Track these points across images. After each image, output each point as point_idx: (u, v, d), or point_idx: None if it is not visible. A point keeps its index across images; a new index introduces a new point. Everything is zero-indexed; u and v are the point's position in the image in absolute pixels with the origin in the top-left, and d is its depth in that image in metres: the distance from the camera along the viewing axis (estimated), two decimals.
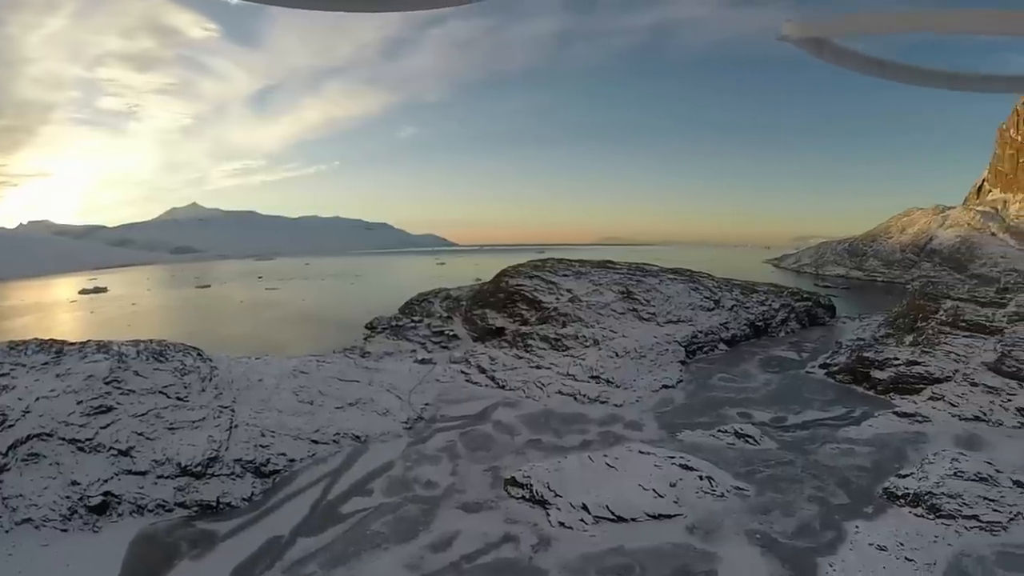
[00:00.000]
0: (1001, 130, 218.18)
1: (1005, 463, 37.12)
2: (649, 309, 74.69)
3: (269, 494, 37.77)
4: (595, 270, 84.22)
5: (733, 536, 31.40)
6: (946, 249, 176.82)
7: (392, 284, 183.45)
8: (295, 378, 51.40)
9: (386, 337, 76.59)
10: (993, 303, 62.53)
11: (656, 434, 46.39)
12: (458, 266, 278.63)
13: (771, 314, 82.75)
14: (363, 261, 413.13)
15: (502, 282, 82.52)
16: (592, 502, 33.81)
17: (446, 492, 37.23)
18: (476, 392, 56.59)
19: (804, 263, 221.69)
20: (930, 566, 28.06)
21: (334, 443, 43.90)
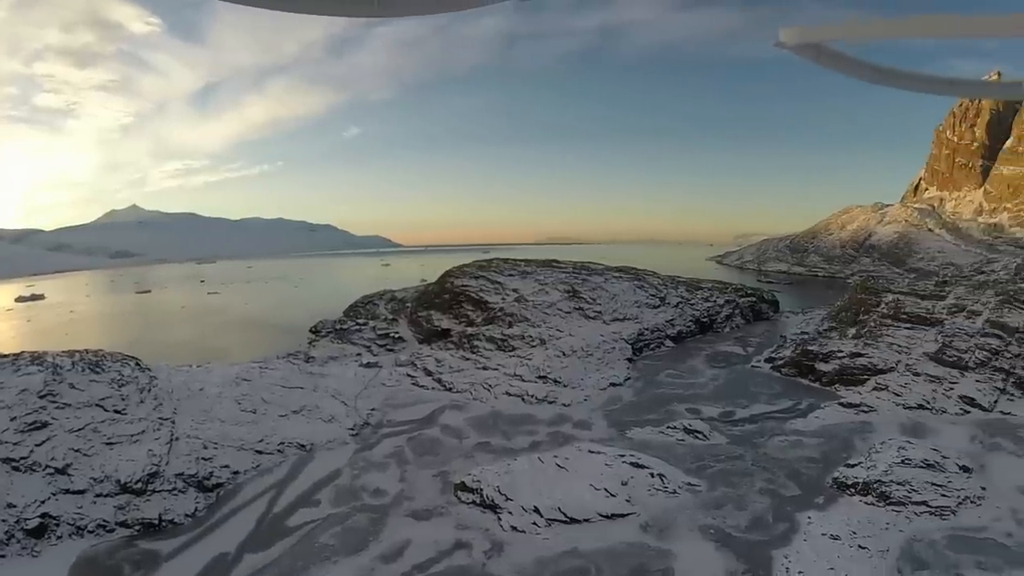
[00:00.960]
0: (938, 132, 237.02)
1: (950, 449, 38.75)
2: (595, 307, 75.36)
3: (213, 509, 36.83)
4: (540, 269, 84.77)
5: (687, 532, 31.67)
6: (885, 245, 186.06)
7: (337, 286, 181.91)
8: (237, 386, 50.43)
9: (331, 341, 75.59)
10: (933, 296, 65.44)
11: (605, 433, 46.61)
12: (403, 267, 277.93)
13: (716, 310, 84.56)
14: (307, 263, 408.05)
15: (447, 283, 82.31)
16: (544, 504, 33.67)
17: (395, 500, 36.76)
18: (423, 395, 56.25)
19: (747, 260, 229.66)
20: (883, 553, 28.90)
21: (279, 453, 43.12)
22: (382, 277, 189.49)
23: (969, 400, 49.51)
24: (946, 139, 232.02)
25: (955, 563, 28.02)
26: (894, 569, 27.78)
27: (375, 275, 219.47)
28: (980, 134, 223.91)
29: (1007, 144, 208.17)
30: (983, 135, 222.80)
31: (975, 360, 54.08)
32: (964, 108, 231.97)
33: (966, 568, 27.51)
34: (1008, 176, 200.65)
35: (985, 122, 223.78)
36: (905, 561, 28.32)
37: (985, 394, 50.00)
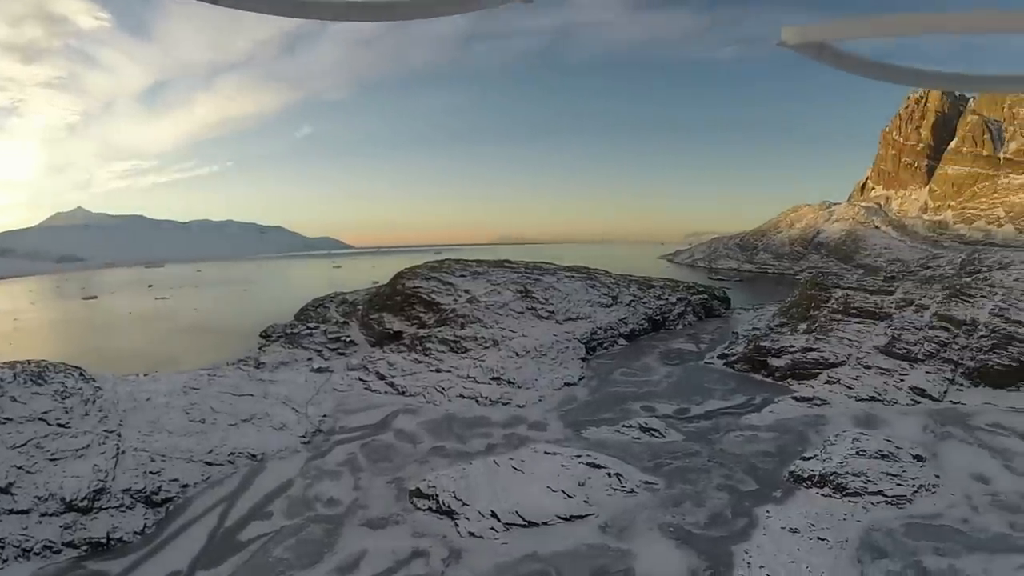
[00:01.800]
0: (884, 132, 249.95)
1: (903, 439, 40.03)
2: (548, 307, 75.57)
3: (163, 525, 35.90)
4: (492, 270, 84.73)
5: (647, 532, 31.79)
6: (833, 242, 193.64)
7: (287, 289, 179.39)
8: (186, 395, 49.26)
9: (281, 345, 74.13)
10: (881, 291, 67.60)
11: (561, 433, 46.67)
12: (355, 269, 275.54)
13: (668, 308, 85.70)
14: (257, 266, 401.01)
15: (399, 284, 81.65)
16: (501, 508, 33.42)
17: (349, 509, 36.18)
18: (375, 400, 55.64)
19: (698, 258, 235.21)
20: (842, 543, 29.57)
21: (229, 464, 42.22)
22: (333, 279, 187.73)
23: (920, 391, 51.38)
24: (892, 140, 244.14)
25: (913, 551, 28.85)
26: (854, 559, 28.43)
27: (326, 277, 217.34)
28: (925, 135, 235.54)
29: (952, 145, 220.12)
30: (928, 136, 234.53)
31: (924, 352, 56.14)
32: (910, 110, 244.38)
33: (924, 555, 28.34)
34: (952, 175, 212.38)
35: (930, 123, 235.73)
36: (864, 551, 29.03)
37: (935, 385, 51.97)
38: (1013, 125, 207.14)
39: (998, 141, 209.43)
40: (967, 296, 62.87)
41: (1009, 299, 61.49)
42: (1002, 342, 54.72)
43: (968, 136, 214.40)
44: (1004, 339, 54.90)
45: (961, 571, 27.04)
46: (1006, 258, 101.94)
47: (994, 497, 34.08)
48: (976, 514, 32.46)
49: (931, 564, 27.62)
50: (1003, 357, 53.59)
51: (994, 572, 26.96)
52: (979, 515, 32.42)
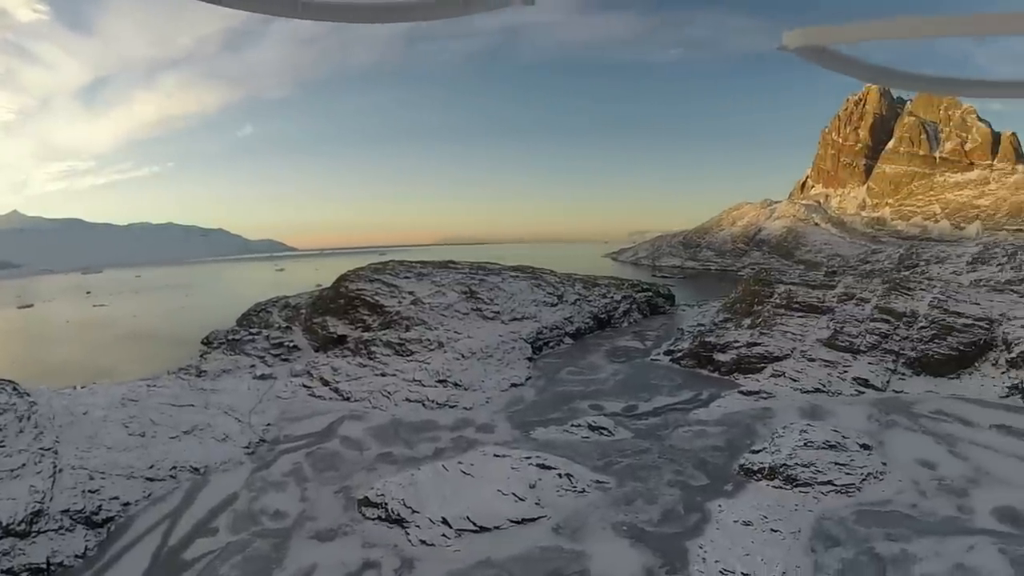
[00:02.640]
0: (824, 133, 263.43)
1: (849, 429, 41.29)
2: (493, 308, 75.42)
3: (105, 546, 34.53)
4: (437, 271, 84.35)
5: (600, 531, 31.80)
6: (774, 239, 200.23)
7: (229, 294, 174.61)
8: (124, 408, 47.87)
9: (223, 352, 71.95)
10: (823, 285, 69.99)
11: (509, 435, 46.52)
12: (298, 272, 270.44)
13: (613, 306, 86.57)
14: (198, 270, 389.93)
15: (342, 287, 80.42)
16: (452, 514, 32.94)
17: (297, 521, 35.30)
18: (320, 406, 54.75)
19: (642, 256, 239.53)
20: (795, 534, 30.21)
21: (171, 479, 41.02)
22: (276, 283, 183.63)
23: (863, 381, 53.22)
24: (832, 140, 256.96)
25: (865, 537, 29.68)
26: (807, 549, 29.04)
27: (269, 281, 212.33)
28: (864, 136, 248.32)
29: (889, 145, 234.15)
30: (867, 136, 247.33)
31: (866, 344, 58.20)
32: (849, 112, 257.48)
33: (876, 541, 29.18)
34: (890, 174, 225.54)
35: (869, 125, 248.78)
36: (817, 540, 29.72)
37: (878, 375, 53.92)
38: (949, 126, 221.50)
39: (934, 141, 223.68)
40: (906, 289, 65.53)
41: (947, 291, 64.32)
42: (941, 332, 57.18)
43: (905, 137, 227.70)
44: (943, 329, 57.36)
45: (913, 555, 27.92)
46: (943, 252, 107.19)
47: (940, 482, 35.47)
48: (924, 499, 33.69)
49: (883, 550, 28.44)
50: (943, 347, 56.04)
51: (945, 554, 27.92)
52: (927, 500, 33.66)
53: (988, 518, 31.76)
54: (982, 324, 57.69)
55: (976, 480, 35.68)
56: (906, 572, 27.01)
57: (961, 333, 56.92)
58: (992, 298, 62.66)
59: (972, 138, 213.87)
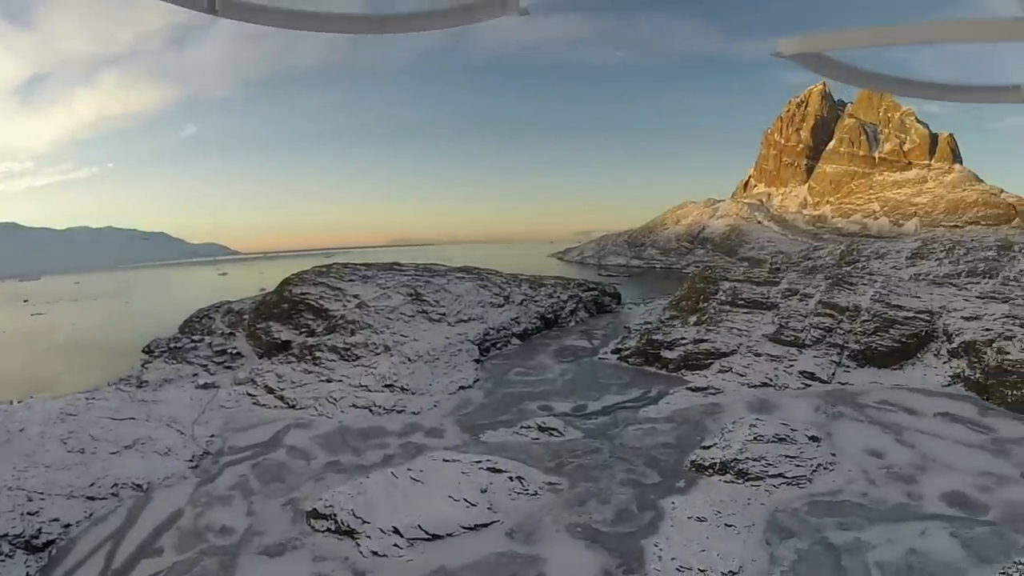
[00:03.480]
0: (767, 134, 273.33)
1: (797, 421, 42.36)
2: (439, 310, 74.95)
3: (47, 572, 33.06)
4: (382, 273, 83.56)
5: (554, 534, 31.76)
6: (718, 237, 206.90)
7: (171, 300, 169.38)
8: (63, 423, 46.30)
9: (165, 361, 69.74)
10: (767, 282, 71.67)
11: (459, 439, 46.17)
12: (241, 276, 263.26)
13: (560, 305, 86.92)
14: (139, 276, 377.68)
15: (286, 291, 78.79)
16: (403, 523, 32.41)
17: (244, 537, 34.31)
18: (265, 415, 53.50)
19: (587, 255, 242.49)
20: (749, 528, 30.73)
21: (113, 496, 39.52)
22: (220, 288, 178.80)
23: (809, 375, 54.67)
24: (774, 141, 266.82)
25: (818, 528, 30.44)
26: (762, 542, 29.57)
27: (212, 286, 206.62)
28: (805, 136, 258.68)
29: (830, 146, 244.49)
30: (808, 137, 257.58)
31: (811, 338, 59.83)
32: (791, 114, 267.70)
33: (829, 531, 29.96)
34: (831, 173, 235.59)
35: (810, 126, 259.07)
36: (772, 532, 30.32)
37: (823, 368, 55.48)
38: (888, 128, 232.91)
39: (874, 142, 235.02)
40: (849, 284, 67.75)
41: (888, 285, 66.72)
42: (884, 325, 59.28)
43: (846, 138, 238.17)
44: (886, 322, 59.48)
45: (866, 543, 28.76)
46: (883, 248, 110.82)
47: (889, 470, 36.69)
48: (874, 487, 34.78)
49: (837, 539, 29.19)
50: (885, 339, 58.07)
51: (898, 540, 28.85)
52: (877, 488, 34.75)
53: (937, 503, 32.98)
54: (923, 317, 60.03)
55: (923, 467, 37.02)
56: (860, 560, 27.77)
57: (903, 326, 59.09)
58: (932, 291, 65.22)
59: (910, 139, 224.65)
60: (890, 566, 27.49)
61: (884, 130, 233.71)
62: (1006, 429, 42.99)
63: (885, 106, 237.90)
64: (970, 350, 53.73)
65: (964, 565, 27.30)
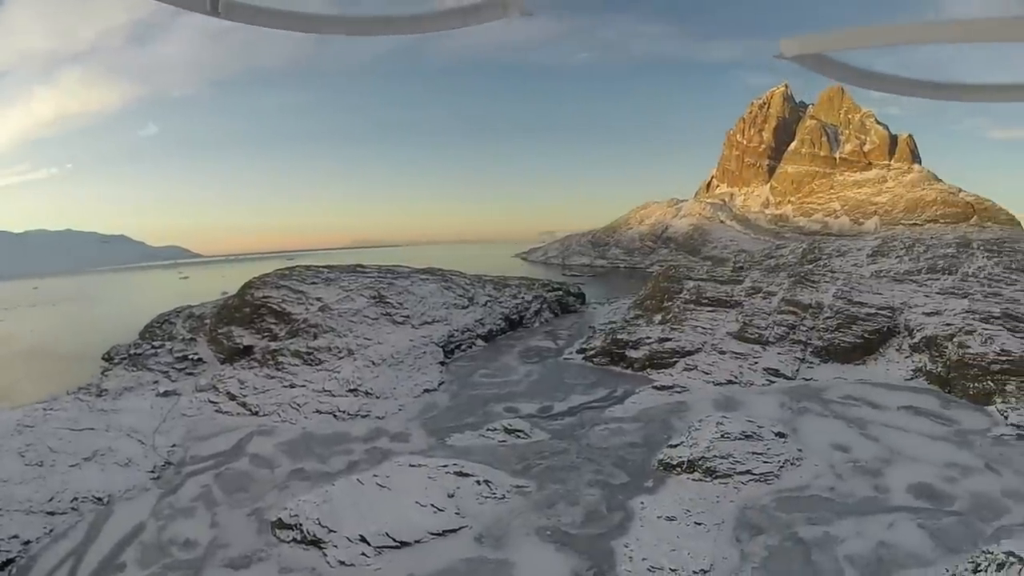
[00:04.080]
0: (729, 135, 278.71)
1: (763, 418, 42.86)
2: (403, 312, 74.43)
3: None
4: (345, 275, 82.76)
5: (523, 538, 31.56)
6: (681, 236, 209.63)
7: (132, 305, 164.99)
8: (20, 435, 45.12)
9: (125, 368, 68.02)
10: (731, 280, 72.76)
11: (425, 443, 45.72)
12: (203, 279, 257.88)
13: (524, 306, 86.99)
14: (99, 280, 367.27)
15: (247, 295, 77.44)
16: (370, 531, 31.90)
17: (208, 550, 33.50)
18: (227, 423, 52.51)
19: (551, 255, 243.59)
20: (719, 525, 30.94)
21: (73, 511, 38.30)
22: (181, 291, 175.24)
23: (774, 371, 55.53)
24: (737, 142, 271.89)
25: (788, 523, 30.80)
26: (732, 539, 29.79)
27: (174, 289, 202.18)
28: (767, 137, 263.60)
29: (791, 146, 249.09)
30: (770, 138, 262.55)
31: (775, 335, 60.77)
32: (753, 115, 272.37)
33: (799, 526, 30.34)
34: (792, 173, 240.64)
35: (772, 127, 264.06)
36: (742, 529, 30.58)
37: (787, 364, 56.38)
38: (848, 129, 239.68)
39: (834, 143, 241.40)
40: (811, 282, 69.03)
41: (850, 282, 68.13)
42: (846, 321, 60.54)
43: (807, 139, 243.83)
44: (848, 319, 60.75)
45: (836, 537, 29.17)
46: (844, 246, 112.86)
47: (855, 464, 37.36)
48: (841, 481, 35.38)
49: (807, 534, 29.56)
50: (848, 335, 59.26)
51: (867, 533, 29.34)
52: (844, 482, 35.36)
53: (904, 495, 33.69)
54: (885, 312, 61.42)
55: (889, 460, 37.80)
56: (830, 554, 28.15)
57: (865, 321, 60.38)
58: (893, 287, 66.80)
59: (870, 140, 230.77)
60: (860, 559, 27.93)
61: (845, 131, 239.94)
62: (968, 421, 44.25)
63: (846, 108, 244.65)
64: (931, 344, 55.16)
65: (933, 556, 27.85)
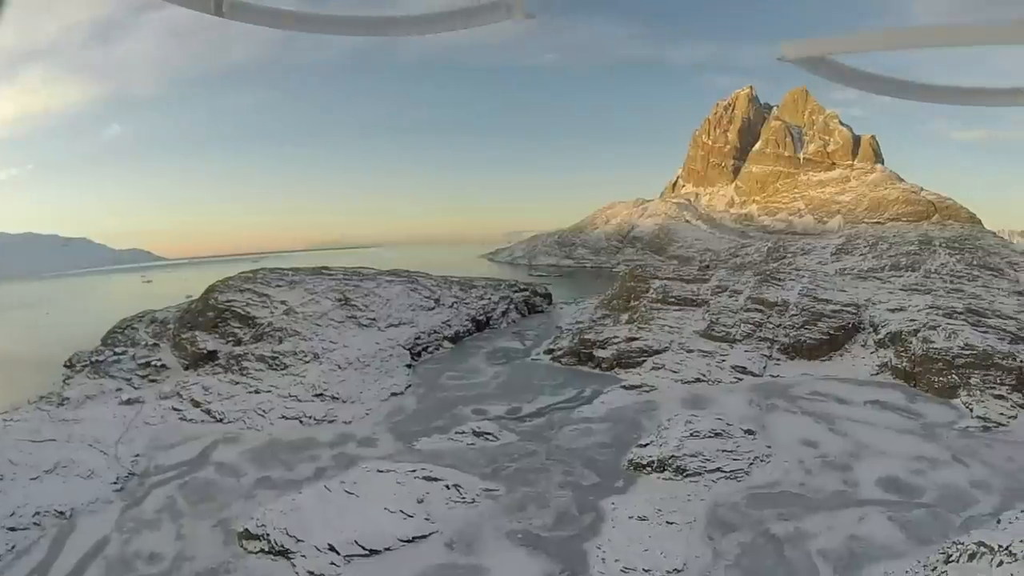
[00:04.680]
0: (695, 136, 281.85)
1: (732, 415, 43.29)
2: (369, 315, 73.73)
3: None
4: (310, 278, 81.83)
5: (494, 542, 31.32)
6: (647, 236, 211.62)
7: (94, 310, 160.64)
8: None
9: (87, 376, 66.03)
10: (697, 279, 73.38)
11: (392, 447, 45.23)
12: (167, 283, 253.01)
13: (491, 307, 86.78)
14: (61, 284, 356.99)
15: (211, 299, 75.99)
16: (339, 540, 31.35)
17: (174, 564, 32.75)
18: (191, 431, 51.47)
19: (518, 256, 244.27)
20: (691, 524, 31.05)
21: (36, 526, 37.39)
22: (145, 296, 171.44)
23: (741, 368, 56.12)
24: (702, 142, 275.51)
25: (759, 520, 31.05)
26: (705, 537, 29.89)
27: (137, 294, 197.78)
28: (732, 138, 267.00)
29: (756, 147, 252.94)
30: (735, 139, 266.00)
31: (741, 333, 61.46)
32: (718, 116, 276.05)
33: (770, 522, 30.60)
34: (757, 173, 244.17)
35: (737, 128, 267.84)
36: (714, 527, 30.70)
37: (754, 361, 57.01)
38: (812, 130, 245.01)
39: (799, 144, 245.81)
40: (776, 280, 69.91)
41: (815, 280, 69.22)
42: (812, 318, 61.45)
43: (772, 139, 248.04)
44: (814, 316, 61.66)
45: (807, 532, 29.46)
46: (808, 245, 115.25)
47: (824, 459, 37.90)
48: (811, 476, 35.82)
49: (778, 530, 29.80)
50: (814, 332, 60.17)
51: (838, 528, 29.71)
52: (813, 477, 35.82)
53: (873, 489, 34.27)
54: (850, 309, 62.52)
55: (857, 454, 38.44)
56: (803, 550, 28.44)
57: (831, 318, 61.31)
58: (857, 285, 68.15)
59: (834, 141, 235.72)
60: (833, 553, 28.28)
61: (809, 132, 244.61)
62: (934, 414, 45.22)
63: (810, 109, 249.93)
64: (896, 340, 56.23)
65: (904, 548, 28.29)
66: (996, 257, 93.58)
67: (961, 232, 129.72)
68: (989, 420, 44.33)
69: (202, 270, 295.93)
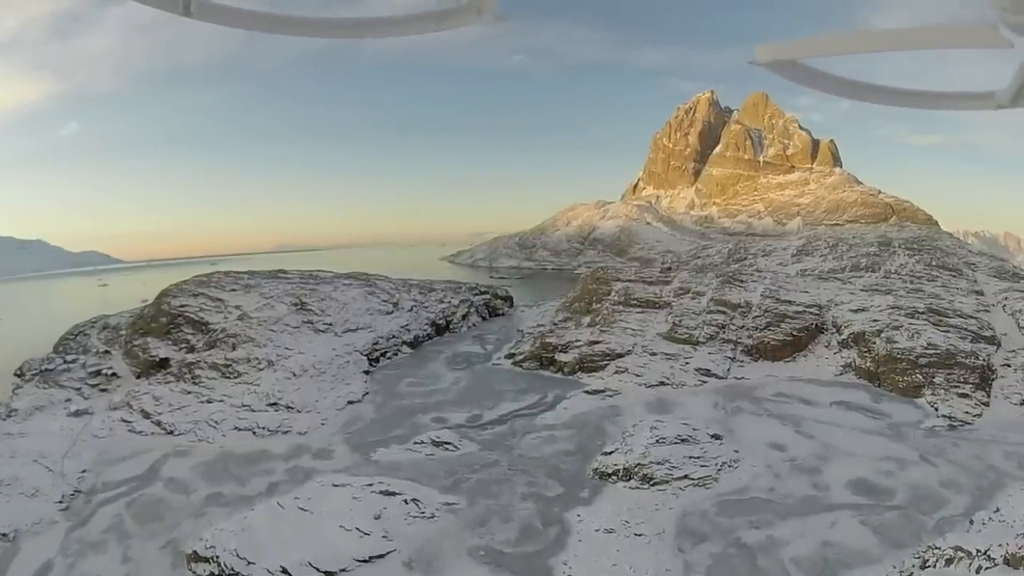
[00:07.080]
0: (656, 138, 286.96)
1: (698, 420, 42.81)
2: (325, 319, 72.10)
3: None
4: (265, 281, 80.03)
5: (456, 560, 30.21)
6: (608, 237, 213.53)
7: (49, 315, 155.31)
8: None
9: (36, 385, 63.14)
10: (659, 281, 73.28)
11: (349, 459, 43.84)
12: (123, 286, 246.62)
13: (451, 310, 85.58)
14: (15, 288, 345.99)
15: (164, 303, 73.57)
16: (292, 561, 29.84)
17: None
18: (141, 444, 49.45)
19: (479, 258, 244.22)
20: (660, 535, 30.32)
21: None
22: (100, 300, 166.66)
23: (705, 371, 55.89)
24: (663, 145, 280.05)
25: (730, 528, 30.46)
26: (675, 548, 29.18)
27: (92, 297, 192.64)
28: (693, 141, 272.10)
29: (716, 150, 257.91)
30: (696, 142, 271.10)
31: (705, 335, 61.26)
32: (679, 119, 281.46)
33: (742, 531, 30.02)
34: (717, 176, 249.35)
35: (698, 131, 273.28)
36: (683, 538, 30.02)
37: (718, 364, 56.85)
38: (772, 134, 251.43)
39: (759, 147, 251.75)
40: (739, 281, 70.14)
41: (777, 281, 69.55)
42: (775, 320, 61.65)
43: (732, 142, 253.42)
44: (777, 317, 61.86)
45: (779, 539, 28.99)
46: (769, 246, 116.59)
47: (793, 462, 37.61)
48: (780, 481, 35.45)
49: (750, 539, 29.26)
50: (777, 333, 60.35)
51: (810, 534, 29.34)
52: (783, 481, 35.46)
53: (843, 492, 34.06)
54: (812, 310, 62.90)
55: (825, 456, 38.28)
56: (776, 558, 27.96)
57: (794, 319, 61.54)
58: (819, 286, 68.71)
59: (794, 144, 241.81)
60: (806, 561, 27.85)
61: (768, 136, 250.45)
62: (900, 414, 45.44)
63: (770, 113, 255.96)
64: (859, 340, 56.64)
65: (878, 552, 28.03)
66: (954, 257, 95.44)
67: (919, 233, 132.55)
68: (955, 419, 44.72)
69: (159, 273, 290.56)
